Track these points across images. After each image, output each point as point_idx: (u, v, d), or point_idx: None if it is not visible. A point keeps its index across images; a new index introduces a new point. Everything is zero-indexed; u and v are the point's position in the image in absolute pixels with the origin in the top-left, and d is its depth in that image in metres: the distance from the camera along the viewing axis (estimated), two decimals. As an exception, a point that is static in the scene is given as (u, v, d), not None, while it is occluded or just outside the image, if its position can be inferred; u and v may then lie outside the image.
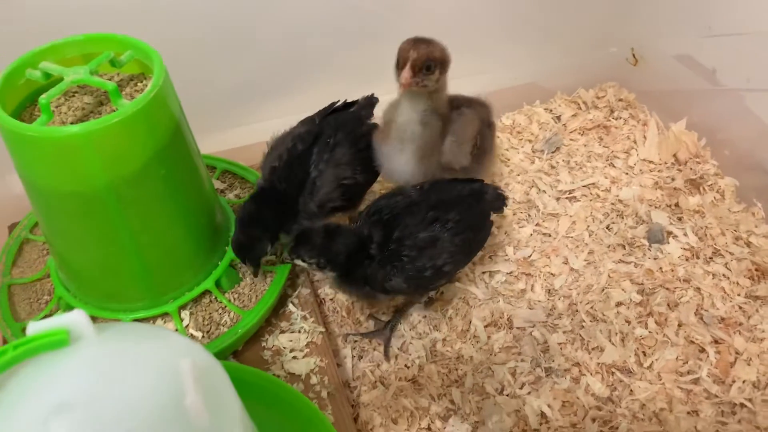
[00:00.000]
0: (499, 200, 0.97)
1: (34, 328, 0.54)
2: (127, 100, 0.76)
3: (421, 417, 0.90)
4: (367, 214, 0.90)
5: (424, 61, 0.85)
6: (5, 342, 0.89)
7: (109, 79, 0.80)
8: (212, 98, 1.10)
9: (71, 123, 0.77)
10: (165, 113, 0.76)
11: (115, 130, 0.70)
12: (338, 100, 1.05)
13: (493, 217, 1.14)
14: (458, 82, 1.31)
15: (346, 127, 1.00)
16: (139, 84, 0.82)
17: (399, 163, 0.94)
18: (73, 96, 0.81)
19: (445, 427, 0.90)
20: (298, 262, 0.87)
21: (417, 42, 0.86)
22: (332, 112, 1.02)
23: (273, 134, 0.99)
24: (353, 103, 1.07)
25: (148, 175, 0.76)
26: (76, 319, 0.54)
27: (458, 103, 0.99)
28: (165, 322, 0.89)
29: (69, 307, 0.89)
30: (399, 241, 0.86)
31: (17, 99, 0.79)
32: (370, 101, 1.07)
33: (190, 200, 0.85)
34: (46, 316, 0.89)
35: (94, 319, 0.88)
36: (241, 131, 1.11)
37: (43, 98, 0.72)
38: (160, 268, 0.85)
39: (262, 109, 1.18)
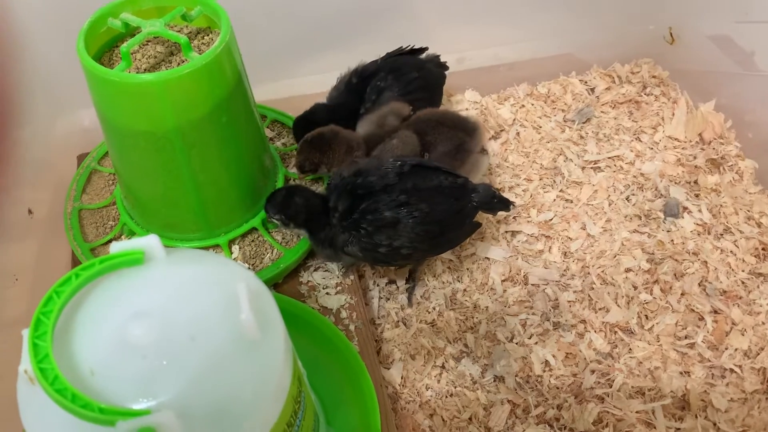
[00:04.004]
0: (493, 202, 0.97)
1: (115, 247, 0.63)
2: (196, 52, 0.85)
3: (436, 356, 1.00)
4: (344, 186, 0.92)
5: (301, 166, 1.03)
6: (75, 258, 1.01)
7: (179, 32, 0.89)
8: (266, 50, 1.19)
9: (145, 70, 0.86)
10: (229, 66, 0.85)
11: (186, 80, 0.79)
12: (407, 46, 1.16)
13: (521, 180, 1.23)
14: (498, 50, 1.38)
15: (399, 71, 1.10)
16: (205, 37, 0.91)
17: None
18: (147, 44, 0.90)
19: (457, 366, 1.00)
20: (268, 218, 0.98)
21: (300, 149, 1.02)
22: (398, 55, 1.14)
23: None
24: (421, 50, 1.16)
25: (211, 121, 0.85)
26: (151, 242, 0.64)
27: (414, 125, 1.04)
28: (217, 253, 0.99)
29: (132, 233, 1.00)
30: (363, 213, 0.90)
31: (98, 45, 0.89)
32: (439, 62, 1.17)
33: (245, 146, 0.94)
34: (111, 239, 1.01)
35: (154, 245, 0.99)
36: (292, 83, 1.20)
37: (124, 47, 0.81)
38: (215, 205, 0.95)
39: (313, 62, 1.25)
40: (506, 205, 0.99)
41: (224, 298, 0.61)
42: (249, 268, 0.98)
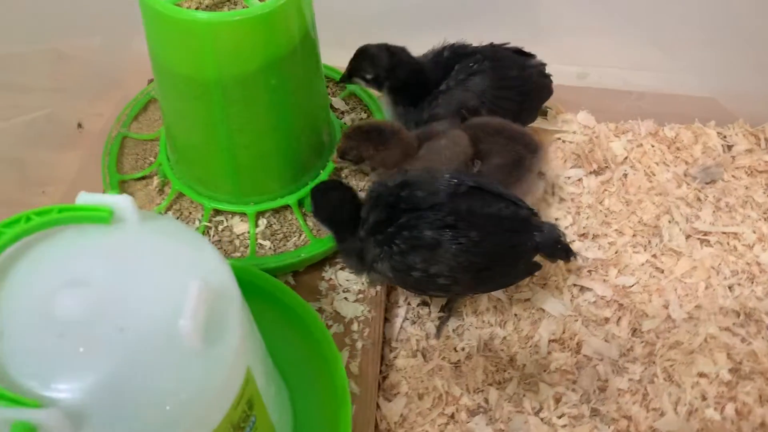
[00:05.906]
0: (555, 247, 0.83)
1: (83, 198, 0.56)
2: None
3: (448, 403, 0.87)
4: (385, 197, 0.81)
5: (343, 152, 0.89)
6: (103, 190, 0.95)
7: (256, -27, 0.79)
8: (362, 15, 1.08)
9: (206, 7, 0.77)
10: (291, 24, 0.74)
11: (235, 27, 0.70)
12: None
13: (610, 231, 1.05)
14: (628, 74, 1.19)
15: (499, 61, 0.98)
16: (281, -15, 0.80)
17: None
18: (217, -19, 0.80)
19: (468, 422, 0.86)
20: None
21: (349, 134, 0.88)
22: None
23: None
24: (529, 54, 1.03)
25: (257, 81, 0.75)
26: (123, 203, 0.56)
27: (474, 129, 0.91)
28: (242, 221, 0.91)
29: (164, 176, 0.93)
30: (400, 227, 0.79)
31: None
32: (544, 72, 1.03)
33: (294, 116, 0.83)
34: (144, 177, 0.95)
35: (180, 196, 0.92)
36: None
37: (182, -24, 0.72)
38: (249, 171, 0.86)
39: (413, 39, 1.11)
40: (567, 255, 0.85)
41: (176, 292, 0.52)
42: (270, 248, 0.88)
